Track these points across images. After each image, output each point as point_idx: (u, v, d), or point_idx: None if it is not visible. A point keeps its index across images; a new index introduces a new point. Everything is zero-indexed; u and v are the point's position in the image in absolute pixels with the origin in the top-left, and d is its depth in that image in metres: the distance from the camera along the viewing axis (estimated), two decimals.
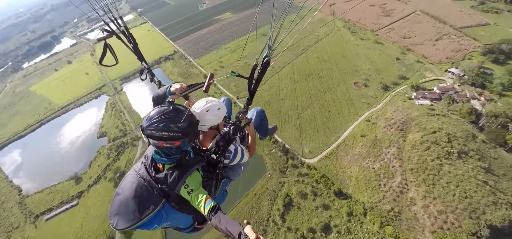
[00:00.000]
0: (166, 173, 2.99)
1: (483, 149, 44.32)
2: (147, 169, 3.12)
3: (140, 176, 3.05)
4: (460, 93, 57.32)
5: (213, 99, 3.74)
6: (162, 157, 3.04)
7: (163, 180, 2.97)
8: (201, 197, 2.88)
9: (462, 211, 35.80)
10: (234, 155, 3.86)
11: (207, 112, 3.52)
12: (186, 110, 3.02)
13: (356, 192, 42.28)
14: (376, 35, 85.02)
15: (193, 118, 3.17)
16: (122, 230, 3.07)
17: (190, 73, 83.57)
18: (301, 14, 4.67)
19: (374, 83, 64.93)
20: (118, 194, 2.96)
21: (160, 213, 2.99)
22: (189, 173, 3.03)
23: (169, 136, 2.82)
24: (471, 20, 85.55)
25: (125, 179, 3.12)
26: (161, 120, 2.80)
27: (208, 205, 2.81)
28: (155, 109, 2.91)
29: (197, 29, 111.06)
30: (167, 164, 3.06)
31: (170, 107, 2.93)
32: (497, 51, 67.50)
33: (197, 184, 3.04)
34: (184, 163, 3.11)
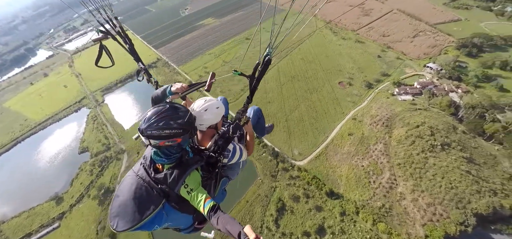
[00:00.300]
0: (166, 173, 2.97)
1: (464, 140, 45.87)
2: (146, 169, 3.09)
3: (140, 177, 3.02)
4: (439, 87, 59.32)
5: (211, 99, 3.68)
6: (162, 157, 3.02)
7: (163, 180, 2.94)
8: (200, 197, 2.87)
9: (449, 201, 36.66)
10: (233, 154, 3.83)
11: (205, 111, 3.49)
12: (183, 107, 3.04)
13: (348, 191, 42.42)
14: (357, 34, 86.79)
15: (191, 114, 3.12)
16: (122, 232, 2.85)
17: (174, 80, 79.81)
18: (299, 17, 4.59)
19: (358, 82, 65.99)
20: (117, 196, 2.92)
21: (160, 214, 2.95)
22: (189, 173, 3.02)
23: (170, 134, 2.81)
24: (444, 17, 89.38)
25: (124, 181, 3.09)
26: (161, 118, 2.79)
27: (208, 204, 2.79)
28: (152, 110, 2.89)
29: (180, 36, 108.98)
30: (167, 164, 3.04)
31: (167, 106, 2.93)
32: (470, 45, 70.74)
33: (196, 183, 3.03)
34: (184, 162, 3.09)
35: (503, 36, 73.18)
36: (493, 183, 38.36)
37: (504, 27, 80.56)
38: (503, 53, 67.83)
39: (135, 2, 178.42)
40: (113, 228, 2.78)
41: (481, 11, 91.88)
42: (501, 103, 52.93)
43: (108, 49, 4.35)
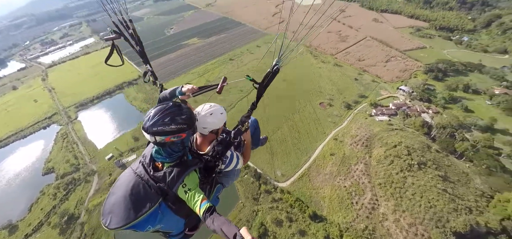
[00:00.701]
0: (165, 171, 2.95)
1: (438, 158, 47.50)
2: (145, 167, 3.05)
3: (138, 175, 2.97)
4: (412, 108, 62.16)
5: (216, 104, 3.72)
6: (163, 156, 3.03)
7: (162, 178, 2.92)
8: (197, 197, 2.84)
9: (429, 221, 36.92)
10: (230, 161, 3.83)
11: (211, 115, 3.52)
12: (184, 105, 3.07)
13: (331, 213, 41.51)
14: (335, 58, 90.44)
15: (192, 111, 3.20)
16: (115, 229, 2.71)
17: (155, 98, 76.52)
18: None
19: (337, 103, 67.55)
20: (112, 193, 2.87)
21: (155, 213, 2.88)
22: (188, 172, 3.01)
23: (176, 129, 2.85)
24: (412, 44, 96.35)
25: (120, 178, 3.05)
26: (166, 115, 2.84)
27: (204, 205, 2.76)
28: (155, 108, 2.92)
29: (164, 54, 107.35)
30: (167, 162, 3.04)
31: (170, 104, 2.98)
32: (436, 70, 76.05)
33: (194, 184, 3.02)
34: (183, 162, 3.10)
35: (463, 62, 79.78)
36: (468, 200, 39.48)
37: (463, 54, 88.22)
38: (465, 78, 73.46)
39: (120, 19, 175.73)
40: (105, 226, 2.68)
41: (443, 40, 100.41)
42: (468, 123, 56.29)
43: (119, 49, 4.39)
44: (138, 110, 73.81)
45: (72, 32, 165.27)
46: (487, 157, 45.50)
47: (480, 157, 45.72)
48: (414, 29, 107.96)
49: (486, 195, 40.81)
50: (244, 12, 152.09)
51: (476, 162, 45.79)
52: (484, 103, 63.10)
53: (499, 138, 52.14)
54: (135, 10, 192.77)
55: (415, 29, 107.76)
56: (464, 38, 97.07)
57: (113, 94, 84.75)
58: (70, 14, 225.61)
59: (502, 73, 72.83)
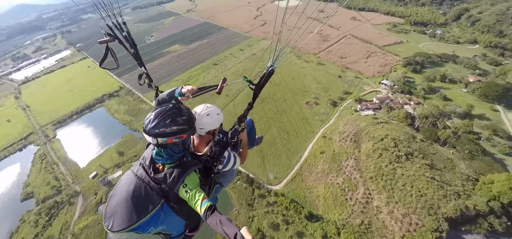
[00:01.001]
0: (166, 172, 2.97)
1: (423, 147, 48.64)
2: (146, 169, 3.05)
3: (138, 177, 2.96)
4: (394, 101, 63.71)
5: (212, 105, 3.73)
6: (164, 158, 3.05)
7: (163, 180, 2.92)
8: (198, 196, 2.85)
9: (421, 209, 37.46)
10: (228, 161, 3.86)
11: (207, 116, 3.54)
12: (183, 106, 3.10)
13: (326, 211, 41.20)
14: (318, 57, 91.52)
15: (191, 112, 3.23)
16: (117, 232, 2.68)
17: (139, 109, 75.47)
18: None
19: (323, 101, 68.00)
20: (113, 195, 2.84)
21: (158, 214, 2.86)
22: (188, 173, 3.03)
23: (177, 130, 2.86)
24: (390, 40, 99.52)
25: (121, 180, 3.02)
26: (167, 116, 2.86)
27: (205, 204, 2.76)
28: (156, 110, 2.93)
29: (146, 62, 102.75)
30: (168, 164, 3.06)
31: (170, 106, 3.00)
32: (414, 63, 78.76)
33: (195, 184, 3.03)
34: (183, 163, 3.12)
35: (438, 54, 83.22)
36: (455, 185, 40.53)
37: (438, 46, 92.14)
38: (441, 68, 76.50)
39: (97, 30, 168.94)
40: (107, 228, 2.64)
41: (418, 34, 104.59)
42: (447, 111, 58.40)
43: (114, 52, 4.29)
44: (121, 123, 70.63)
45: (46, 45, 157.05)
46: (468, 142, 47.15)
47: (462, 143, 47.31)
48: (391, 26, 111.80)
49: (471, 178, 42.14)
50: (226, 17, 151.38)
51: (458, 148, 47.32)
52: (460, 91, 65.88)
53: (477, 123, 54.42)
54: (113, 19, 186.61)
55: (391, 26, 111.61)
56: (437, 31, 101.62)
57: (93, 108, 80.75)
58: (43, 26, 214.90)
59: (474, 62, 76.60)
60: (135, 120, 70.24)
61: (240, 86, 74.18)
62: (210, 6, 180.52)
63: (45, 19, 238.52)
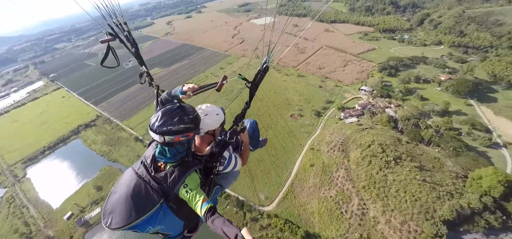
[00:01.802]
0: (167, 172, 2.91)
1: (410, 149, 48.03)
2: (147, 168, 2.98)
3: (139, 175, 2.90)
4: (376, 106, 63.81)
5: (212, 105, 3.66)
6: (167, 156, 2.98)
7: (163, 179, 2.87)
8: (199, 197, 2.78)
9: (418, 215, 35.89)
10: (228, 162, 3.76)
11: (206, 116, 3.42)
12: (188, 105, 3.06)
13: (323, 228, 38.53)
14: (297, 70, 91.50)
15: (195, 110, 3.16)
16: (116, 230, 2.64)
17: (118, 138, 69.88)
18: None
19: (307, 112, 66.81)
20: (114, 193, 2.79)
21: (157, 213, 2.79)
22: (189, 173, 2.97)
23: (185, 128, 2.84)
24: (363, 48, 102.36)
25: (122, 177, 2.98)
26: (174, 115, 2.83)
27: (205, 205, 2.70)
28: (162, 110, 2.90)
29: (124, 89, 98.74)
30: (170, 163, 2.99)
31: (176, 105, 2.97)
32: (388, 67, 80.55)
33: (196, 184, 2.97)
34: (185, 163, 3.04)
35: (409, 57, 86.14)
36: (447, 185, 39.67)
37: (407, 50, 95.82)
38: (414, 70, 78.83)
39: (73, 58, 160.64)
40: (106, 226, 2.60)
41: (388, 40, 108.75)
42: (426, 111, 59.14)
43: (115, 51, 4.10)
44: (99, 154, 64.78)
45: (17, 78, 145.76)
46: (451, 139, 47.23)
47: (446, 140, 47.29)
48: (362, 34, 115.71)
49: (460, 175, 41.67)
50: (204, 37, 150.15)
51: (443, 146, 47.19)
52: (435, 90, 67.57)
53: (456, 119, 55.28)
54: (89, 46, 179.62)
55: (363, 34, 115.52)
56: (405, 36, 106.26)
57: (68, 141, 73.95)
58: (15, 58, 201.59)
59: (443, 61, 79.83)
60: (114, 150, 64.83)
61: (222, 104, 71.51)
62: (188, 29, 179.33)
63: (16, 51, 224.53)
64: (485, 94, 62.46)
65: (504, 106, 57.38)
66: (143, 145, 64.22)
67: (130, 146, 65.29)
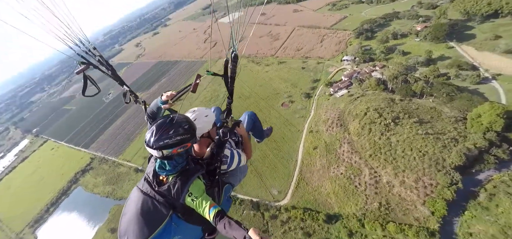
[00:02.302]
0: (169, 184, 2.87)
1: (405, 106, 47.90)
2: (150, 183, 2.96)
3: (144, 192, 2.88)
4: (361, 72, 63.40)
5: (200, 108, 3.58)
6: (166, 169, 2.93)
7: (167, 192, 2.85)
8: (205, 203, 2.77)
9: (429, 169, 35.65)
10: (231, 160, 3.73)
11: (195, 121, 3.24)
12: (181, 115, 3.00)
13: (342, 207, 37.80)
14: (276, 57, 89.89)
15: (190, 119, 3.07)
16: None
17: (118, 175, 66.31)
18: None
19: (297, 96, 65.65)
20: (124, 214, 2.80)
21: (169, 226, 2.76)
22: (192, 181, 2.93)
23: (182, 139, 2.78)
24: (334, 19, 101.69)
25: (129, 198, 2.95)
26: (169, 128, 2.76)
27: (213, 210, 2.70)
28: (156, 124, 2.84)
29: (110, 124, 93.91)
30: (171, 175, 2.95)
31: (170, 117, 2.90)
32: (364, 31, 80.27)
33: (200, 191, 2.94)
34: (185, 172, 2.99)
35: (381, 16, 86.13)
36: (449, 131, 39.71)
37: (378, 9, 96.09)
38: (388, 28, 79.11)
39: (51, 106, 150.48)
40: None
41: (357, 5, 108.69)
42: (411, 64, 59.23)
43: (92, 78, 4.11)
44: (104, 196, 61.50)
45: (1, 142, 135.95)
46: (442, 86, 47.39)
47: (437, 89, 47.42)
48: (331, 6, 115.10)
49: (459, 118, 41.88)
50: (176, 50, 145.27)
51: (436, 94, 47.30)
52: (414, 42, 67.91)
53: (441, 64, 55.71)
54: (64, 91, 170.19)
55: (331, 5, 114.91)
56: None
57: (69, 192, 69.55)
58: None
59: (415, 12, 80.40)
60: (117, 188, 61.68)
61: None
62: (158, 45, 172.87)
63: None
64: (463, 33, 63.30)
65: (483, 40, 58.30)
66: None
67: (132, 179, 62.23)
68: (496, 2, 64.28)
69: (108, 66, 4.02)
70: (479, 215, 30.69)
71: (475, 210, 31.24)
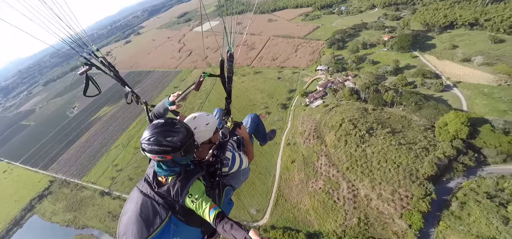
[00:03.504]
0: (169, 185, 2.83)
1: (377, 116, 48.38)
2: (150, 184, 2.92)
3: (144, 193, 2.84)
4: (335, 82, 63.78)
5: (201, 115, 3.44)
6: (164, 170, 2.88)
7: (167, 193, 2.79)
8: (205, 205, 2.72)
9: (404, 180, 35.53)
10: (232, 162, 3.64)
11: (195, 129, 3.17)
12: (178, 125, 2.85)
13: (322, 224, 36.30)
14: (252, 67, 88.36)
15: (187, 131, 2.86)
16: None
17: (81, 199, 59.17)
18: None
19: (273, 108, 64.27)
20: (124, 214, 2.77)
21: (168, 227, 2.69)
22: (191, 182, 2.88)
23: (159, 150, 2.68)
24: (308, 29, 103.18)
25: (129, 198, 2.92)
26: (153, 133, 2.69)
27: (213, 212, 2.64)
28: (149, 127, 2.80)
29: (74, 141, 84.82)
30: (169, 176, 2.91)
31: (161, 122, 2.82)
32: (335, 41, 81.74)
33: (200, 192, 2.89)
34: (185, 173, 2.94)
35: (351, 27, 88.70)
36: (420, 140, 40.29)
37: (348, 20, 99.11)
38: (358, 38, 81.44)
39: (8, 121, 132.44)
40: None
41: (328, 16, 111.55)
42: (381, 73, 60.69)
43: (94, 79, 4.13)
44: (64, 225, 54.30)
45: None
46: (410, 95, 48.57)
47: (406, 98, 48.53)
48: (304, 16, 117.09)
49: (428, 126, 42.84)
50: (149, 59, 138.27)
51: (405, 103, 48.35)
52: (382, 51, 70.16)
53: (408, 73, 57.70)
54: (24, 103, 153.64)
55: (304, 16, 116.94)
56: (342, 8, 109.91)
57: (23, 222, 60.57)
58: None
59: (381, 23, 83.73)
60: (80, 215, 54.82)
61: None
62: (130, 54, 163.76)
63: None
64: (425, 43, 66.69)
65: (443, 50, 61.66)
66: (111, 198, 55.50)
67: (97, 204, 55.76)
68: (451, 14, 68.81)
69: (111, 68, 3.93)
70: (453, 225, 30.78)
71: (449, 220, 31.33)
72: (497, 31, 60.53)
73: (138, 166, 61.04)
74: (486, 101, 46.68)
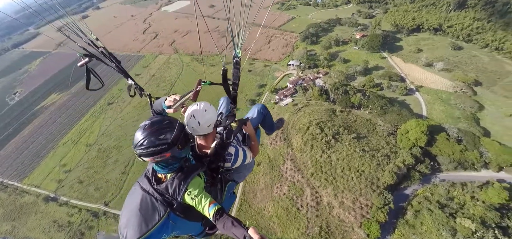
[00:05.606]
0: (167, 183, 2.83)
1: (344, 119, 48.73)
2: (150, 180, 2.93)
3: (144, 189, 2.84)
4: (306, 80, 63.09)
5: (197, 108, 3.16)
6: (162, 168, 2.90)
7: (165, 190, 2.81)
8: (204, 202, 2.71)
9: (365, 189, 36.22)
10: (235, 158, 3.56)
11: (193, 126, 3.14)
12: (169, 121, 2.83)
13: (285, 231, 35.94)
14: (223, 57, 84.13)
15: (178, 125, 2.82)
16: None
17: (21, 206, 51.73)
18: None
19: (242, 103, 61.69)
20: (125, 207, 2.79)
21: (166, 223, 2.74)
22: (190, 179, 2.86)
23: (156, 151, 2.64)
24: (282, 19, 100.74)
25: (130, 194, 2.91)
26: (145, 136, 2.64)
27: (212, 209, 2.64)
28: (140, 126, 2.79)
29: (14, 134, 73.62)
30: (168, 173, 2.92)
31: (149, 122, 2.76)
32: (309, 35, 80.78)
33: (199, 188, 2.86)
34: (185, 170, 2.94)
35: (326, 21, 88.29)
36: (382, 147, 41.29)
37: (323, 13, 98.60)
38: (332, 33, 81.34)
39: None
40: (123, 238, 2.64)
41: (304, 7, 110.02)
42: (350, 73, 61.22)
43: (95, 71, 3.83)
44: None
45: None
46: (377, 99, 49.55)
47: (373, 101, 49.44)
48: (280, 4, 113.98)
49: (391, 132, 44.12)
50: (109, 39, 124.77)
51: (371, 107, 49.24)
52: (353, 50, 70.89)
53: (376, 74, 58.96)
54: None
55: (280, 4, 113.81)
56: (318, 0, 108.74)
57: None
58: None
59: (355, 19, 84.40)
60: (20, 225, 48.03)
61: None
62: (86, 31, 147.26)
63: None
64: (393, 45, 68.67)
65: (409, 53, 64.02)
66: (58, 204, 49.37)
67: (41, 211, 49.22)
68: (419, 18, 71.38)
69: (113, 59, 3.72)
70: (407, 233, 32.14)
71: (404, 229, 32.67)
72: (457, 38, 64.26)
73: (90, 167, 55.22)
74: (443, 108, 49.51)
